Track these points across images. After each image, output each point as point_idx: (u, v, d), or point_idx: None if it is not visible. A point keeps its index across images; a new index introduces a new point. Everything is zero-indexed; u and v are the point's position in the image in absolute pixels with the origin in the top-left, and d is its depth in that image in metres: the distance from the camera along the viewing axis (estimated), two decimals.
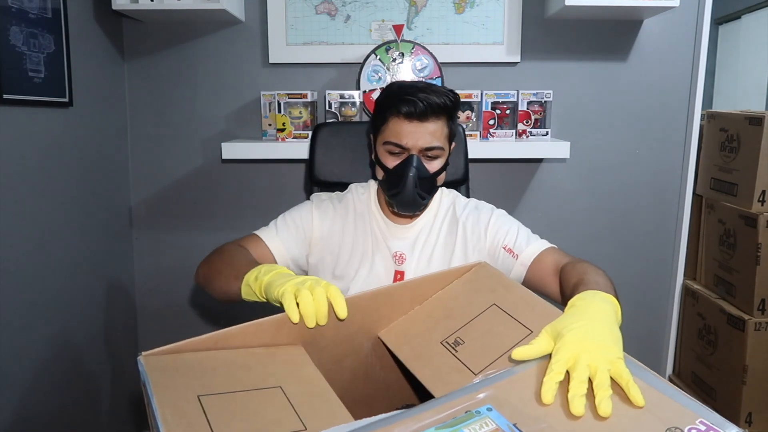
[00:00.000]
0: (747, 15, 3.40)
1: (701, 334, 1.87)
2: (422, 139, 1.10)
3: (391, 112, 1.11)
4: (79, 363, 1.59)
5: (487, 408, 0.60)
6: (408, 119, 1.09)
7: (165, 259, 1.92)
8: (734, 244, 1.76)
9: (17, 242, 1.34)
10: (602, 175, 1.89)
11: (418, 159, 1.11)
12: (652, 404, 0.60)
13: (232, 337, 0.71)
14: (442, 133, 1.13)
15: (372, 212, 1.22)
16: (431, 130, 1.10)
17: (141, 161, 1.87)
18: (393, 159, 1.13)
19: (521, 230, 1.17)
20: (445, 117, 1.13)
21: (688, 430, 0.55)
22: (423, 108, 1.07)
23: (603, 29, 1.81)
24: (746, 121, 1.71)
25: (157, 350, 0.68)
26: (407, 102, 1.08)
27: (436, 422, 0.58)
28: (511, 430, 0.57)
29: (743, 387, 1.67)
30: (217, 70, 1.82)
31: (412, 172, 1.09)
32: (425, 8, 1.78)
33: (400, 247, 1.18)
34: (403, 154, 1.12)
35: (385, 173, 1.14)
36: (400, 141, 1.10)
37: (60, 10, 1.46)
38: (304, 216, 1.20)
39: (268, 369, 0.69)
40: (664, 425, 0.57)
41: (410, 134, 1.10)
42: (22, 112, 1.35)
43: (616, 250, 1.94)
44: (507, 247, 1.14)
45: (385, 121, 1.13)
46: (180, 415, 0.58)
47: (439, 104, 1.09)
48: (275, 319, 0.74)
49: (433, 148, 1.11)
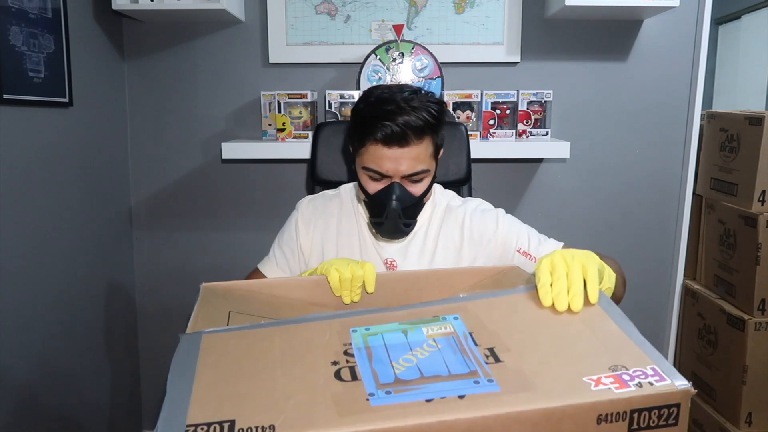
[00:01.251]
0: (747, 15, 3.40)
1: (701, 334, 1.87)
2: (404, 165, 1.01)
3: (368, 138, 1.01)
4: (79, 363, 1.59)
5: (453, 317, 0.67)
6: (387, 146, 1.00)
7: (165, 259, 1.92)
8: (734, 244, 1.76)
9: (17, 242, 1.34)
10: (602, 175, 1.89)
11: (400, 187, 1.02)
12: (609, 340, 0.60)
13: (275, 286, 0.86)
14: (426, 154, 1.03)
15: (360, 214, 1.16)
16: (413, 155, 1.01)
17: (141, 161, 1.87)
18: (374, 184, 1.05)
19: (531, 232, 1.14)
20: (428, 135, 1.03)
21: (634, 371, 0.54)
22: (401, 133, 0.98)
23: (603, 29, 1.81)
24: (746, 121, 1.71)
25: (213, 283, 0.81)
26: (385, 127, 0.98)
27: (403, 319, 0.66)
28: (465, 337, 0.63)
29: (743, 387, 1.67)
30: (217, 70, 1.82)
31: (394, 204, 1.01)
32: (425, 8, 1.78)
33: (391, 253, 1.13)
34: (384, 180, 1.04)
35: (366, 197, 1.07)
36: (380, 168, 1.02)
37: (60, 10, 1.46)
38: (292, 234, 1.18)
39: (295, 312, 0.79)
40: (612, 360, 0.56)
41: (390, 161, 1.01)
42: (22, 112, 1.35)
43: (616, 250, 1.93)
44: (522, 250, 1.10)
45: (363, 144, 1.03)
46: (207, 318, 0.70)
47: (420, 126, 0.99)
48: (314, 278, 0.88)
49: (417, 173, 1.03)
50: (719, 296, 1.83)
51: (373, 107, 1.02)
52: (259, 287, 0.84)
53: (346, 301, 0.88)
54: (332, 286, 0.87)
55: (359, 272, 0.87)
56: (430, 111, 1.00)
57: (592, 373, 0.55)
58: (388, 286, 0.88)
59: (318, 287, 0.87)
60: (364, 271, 0.88)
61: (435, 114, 1.01)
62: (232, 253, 1.91)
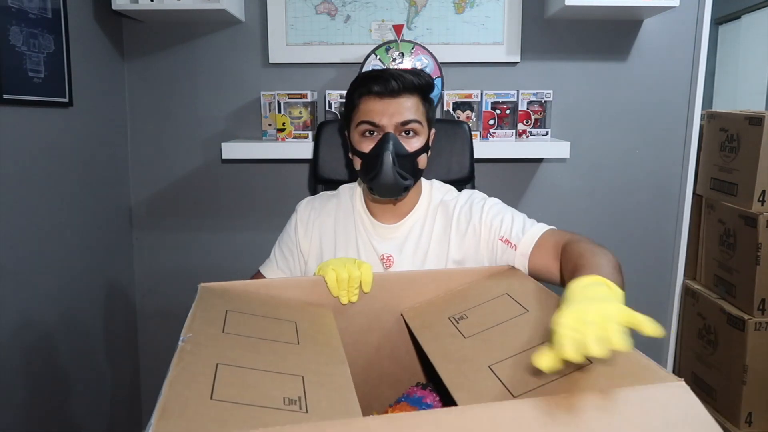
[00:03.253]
0: (747, 15, 3.40)
1: (701, 334, 1.87)
2: (397, 114, 1.05)
3: (361, 93, 1.08)
4: (79, 363, 1.59)
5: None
6: (380, 97, 1.06)
7: (165, 259, 1.92)
8: (734, 244, 1.76)
9: (17, 242, 1.34)
10: (602, 175, 1.89)
11: (395, 137, 1.05)
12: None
13: (273, 286, 0.86)
14: (417, 109, 1.08)
15: (357, 211, 1.17)
16: (406, 105, 1.06)
17: (141, 161, 1.87)
18: (368, 142, 1.07)
19: (516, 217, 1.08)
20: (418, 95, 1.09)
21: None
22: (394, 84, 1.04)
23: (603, 29, 1.81)
24: (746, 121, 1.71)
25: (211, 283, 0.83)
26: (377, 80, 1.05)
27: None
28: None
29: (743, 387, 1.67)
30: (217, 70, 1.82)
31: (390, 149, 1.03)
32: (425, 8, 1.78)
33: (388, 248, 1.13)
34: (378, 134, 1.07)
35: (361, 159, 1.09)
36: (373, 119, 1.06)
37: (60, 10, 1.46)
38: (291, 236, 1.19)
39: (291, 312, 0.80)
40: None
41: (383, 111, 1.05)
42: (22, 112, 1.35)
43: (616, 250, 1.92)
44: (504, 238, 1.05)
45: (356, 105, 1.09)
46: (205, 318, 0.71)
47: (412, 81, 1.06)
48: (312, 278, 0.89)
49: (410, 121, 1.06)
50: (719, 296, 1.83)
51: (365, 74, 1.10)
52: (257, 287, 0.85)
53: (343, 302, 0.88)
54: (329, 286, 0.87)
55: (356, 273, 0.87)
56: (419, 75, 1.08)
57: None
58: (385, 286, 0.89)
59: (315, 287, 0.88)
60: (361, 271, 0.88)
61: (423, 80, 1.08)
62: (232, 254, 1.91)
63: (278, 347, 0.68)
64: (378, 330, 0.90)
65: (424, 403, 0.80)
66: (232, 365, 0.61)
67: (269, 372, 0.61)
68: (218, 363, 0.60)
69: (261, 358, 0.64)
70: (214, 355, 0.62)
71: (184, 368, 0.58)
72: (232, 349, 0.64)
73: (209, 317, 0.71)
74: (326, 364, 0.67)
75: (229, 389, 0.56)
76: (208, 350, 0.63)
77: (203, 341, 0.64)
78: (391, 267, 1.12)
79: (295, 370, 0.63)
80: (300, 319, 0.78)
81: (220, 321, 0.71)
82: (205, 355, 0.61)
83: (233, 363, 0.61)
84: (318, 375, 0.63)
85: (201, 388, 0.55)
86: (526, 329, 0.72)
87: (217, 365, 0.60)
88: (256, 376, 0.60)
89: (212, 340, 0.65)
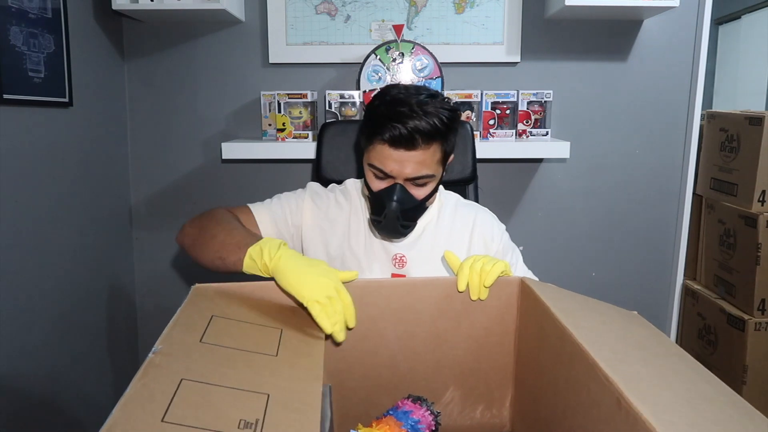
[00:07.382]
0: (747, 15, 3.40)
1: (701, 334, 1.87)
2: (408, 168, 1.00)
3: (376, 136, 0.99)
4: (79, 363, 1.59)
5: None
6: (393, 147, 0.98)
7: (165, 259, 1.92)
8: (734, 244, 1.76)
9: (17, 242, 1.34)
10: (602, 175, 1.89)
11: (402, 189, 1.01)
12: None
13: (268, 289, 0.83)
14: (432, 160, 1.01)
15: (366, 210, 1.14)
16: (419, 159, 0.99)
17: (141, 161, 1.87)
18: (377, 182, 1.04)
19: (518, 261, 1.15)
20: (437, 142, 1.00)
21: None
22: (409, 137, 0.96)
23: (603, 29, 1.81)
24: (746, 121, 1.71)
25: (205, 285, 0.81)
26: (393, 129, 0.96)
27: None
28: None
29: (743, 387, 1.67)
30: (217, 70, 1.82)
31: (394, 206, 1.00)
32: (425, 8, 1.78)
33: (399, 248, 1.11)
34: (387, 179, 1.02)
35: (369, 193, 1.06)
36: (384, 168, 1.00)
37: (60, 10, 1.46)
38: (299, 203, 1.15)
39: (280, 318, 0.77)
40: None
41: (395, 162, 0.99)
42: (22, 112, 1.35)
43: (616, 250, 1.94)
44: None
45: (371, 142, 1.03)
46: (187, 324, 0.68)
47: (429, 131, 0.97)
48: None
49: (421, 177, 1.01)
50: (719, 296, 1.83)
51: (386, 106, 1.00)
52: (251, 289, 0.81)
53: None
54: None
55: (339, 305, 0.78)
56: (442, 118, 0.98)
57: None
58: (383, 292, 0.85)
59: None
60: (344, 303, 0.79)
61: (446, 121, 0.99)
62: None
63: (254, 359, 0.64)
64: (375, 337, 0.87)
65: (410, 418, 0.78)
66: (197, 381, 0.57)
67: (235, 389, 0.57)
68: (183, 378, 0.56)
69: (231, 372, 0.60)
70: (182, 370, 0.58)
71: (144, 385, 0.54)
72: (203, 362, 0.61)
73: (191, 323, 0.69)
74: (298, 380, 0.63)
75: (185, 410, 0.52)
76: (177, 364, 0.59)
77: (175, 352, 0.61)
78: (404, 266, 1.11)
79: (263, 387, 0.59)
80: (287, 325, 0.75)
81: (202, 328, 0.68)
82: (172, 370, 0.58)
83: (199, 379, 0.57)
84: (285, 392, 0.60)
85: (155, 409, 0.51)
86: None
87: (181, 381, 0.56)
88: (220, 394, 0.56)
89: (185, 352, 0.61)
